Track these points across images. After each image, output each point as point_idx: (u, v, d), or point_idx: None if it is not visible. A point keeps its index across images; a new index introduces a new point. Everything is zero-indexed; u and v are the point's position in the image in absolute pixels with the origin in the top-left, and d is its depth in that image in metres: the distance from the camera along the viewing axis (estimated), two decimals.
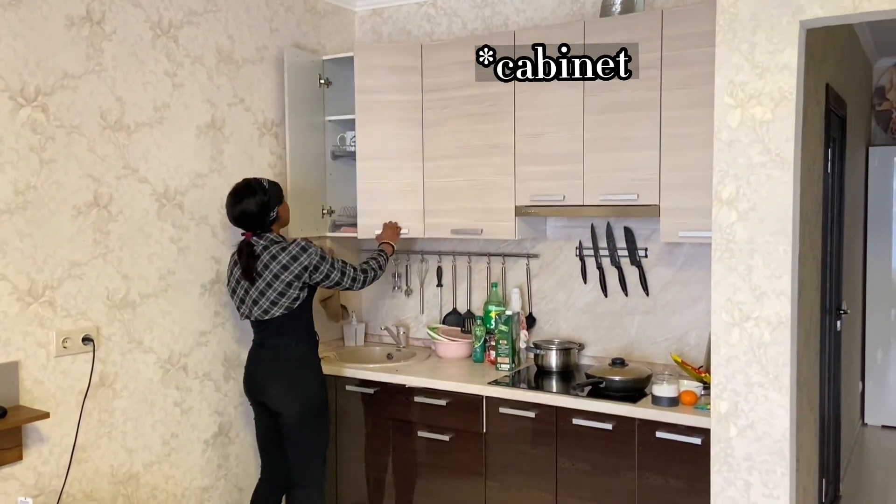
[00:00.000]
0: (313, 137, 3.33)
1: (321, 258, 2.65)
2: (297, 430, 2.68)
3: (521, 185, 2.91)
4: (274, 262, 2.61)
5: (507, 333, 2.98)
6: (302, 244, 2.64)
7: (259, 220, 2.65)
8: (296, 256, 2.61)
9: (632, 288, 3.01)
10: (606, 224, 3.04)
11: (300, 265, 2.61)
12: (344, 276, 2.72)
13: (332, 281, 2.70)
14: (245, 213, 2.64)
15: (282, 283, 2.61)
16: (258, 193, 2.64)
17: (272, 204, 2.66)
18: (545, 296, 3.22)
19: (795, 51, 2.02)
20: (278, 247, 2.63)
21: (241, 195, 2.65)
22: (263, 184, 2.68)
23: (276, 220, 2.70)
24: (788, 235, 2.04)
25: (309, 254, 2.62)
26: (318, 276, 2.66)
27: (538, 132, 2.86)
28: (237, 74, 3.01)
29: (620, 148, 2.69)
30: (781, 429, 2.08)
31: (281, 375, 2.68)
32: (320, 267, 2.65)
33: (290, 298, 2.63)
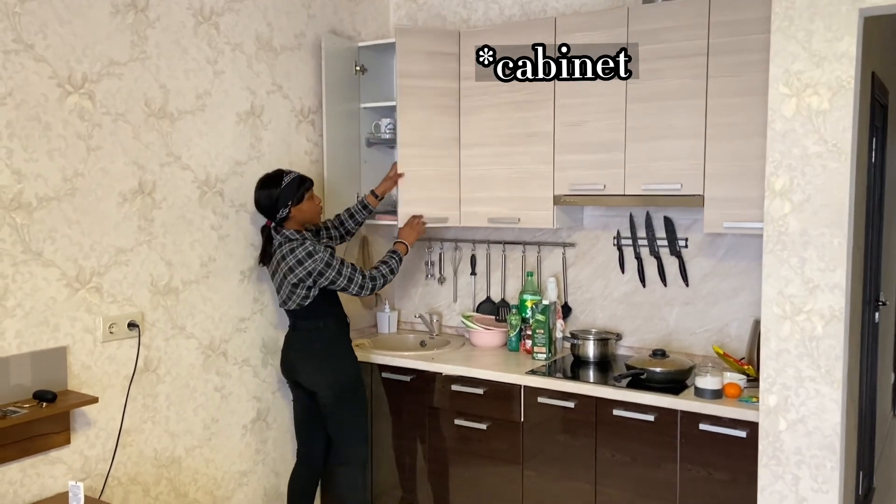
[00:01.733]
0: (349, 125, 3.32)
1: (326, 265, 2.63)
2: (333, 408, 2.74)
3: (560, 173, 2.89)
4: (283, 262, 2.65)
5: (544, 323, 2.97)
6: (309, 249, 2.62)
7: (269, 213, 2.70)
8: (301, 261, 2.61)
9: (671, 278, 2.98)
10: (645, 213, 3.01)
11: (304, 270, 2.62)
12: (351, 283, 2.69)
13: (338, 287, 2.69)
14: (257, 202, 2.73)
15: (289, 284, 2.66)
16: (270, 188, 2.68)
17: (282, 202, 2.65)
18: (581, 285, 3.20)
19: (854, 39, 1.98)
20: (288, 247, 2.64)
21: (259, 184, 2.73)
22: (281, 179, 2.68)
23: (286, 218, 2.69)
24: (844, 228, 2.01)
25: (314, 260, 2.61)
26: (324, 280, 2.65)
27: (579, 121, 2.83)
28: (275, 62, 3.00)
29: (664, 137, 2.65)
30: (832, 423, 2.06)
31: (312, 356, 2.75)
32: (325, 273, 2.64)
33: (300, 297, 2.68)
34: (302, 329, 2.78)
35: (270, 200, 2.67)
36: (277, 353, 3.03)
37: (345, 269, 2.68)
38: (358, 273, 2.72)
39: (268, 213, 2.70)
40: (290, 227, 2.70)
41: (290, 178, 2.69)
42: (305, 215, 2.73)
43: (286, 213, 2.68)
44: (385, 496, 3.17)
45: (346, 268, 2.69)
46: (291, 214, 2.69)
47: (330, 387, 2.73)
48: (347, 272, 2.68)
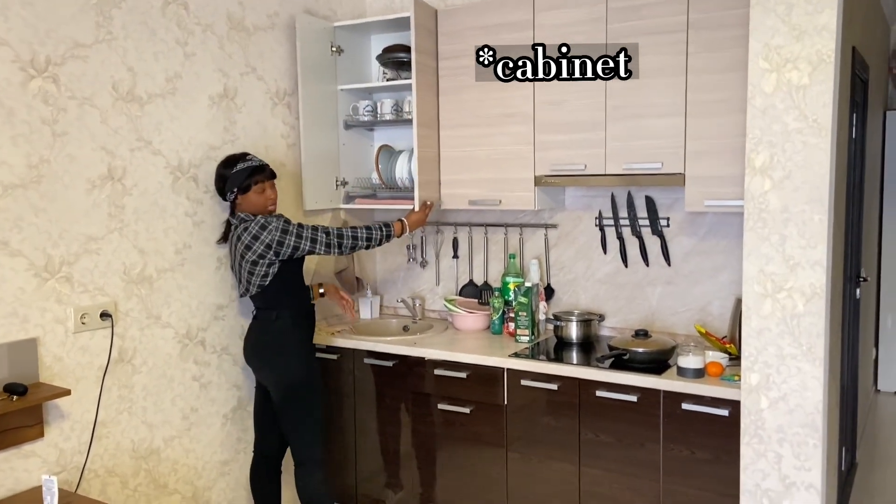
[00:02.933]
0: (326, 107, 3.26)
1: (283, 232, 2.56)
2: (283, 406, 2.66)
3: (541, 154, 2.85)
4: (238, 241, 2.61)
5: (527, 305, 2.95)
6: (261, 222, 2.57)
7: (220, 193, 2.71)
8: (256, 235, 2.56)
9: (653, 258, 2.97)
10: (627, 193, 2.98)
11: (261, 244, 2.56)
12: (315, 243, 2.61)
13: (304, 251, 2.62)
14: (215, 182, 2.72)
15: (248, 263, 2.60)
16: (224, 168, 2.67)
17: (228, 187, 2.64)
18: (564, 266, 3.18)
19: (834, 12, 1.95)
20: (242, 227, 2.61)
21: (220, 162, 2.71)
22: (236, 163, 2.65)
23: (234, 203, 2.66)
24: (824, 204, 1.99)
25: (269, 230, 2.56)
26: (287, 248, 2.58)
27: (558, 100, 2.79)
28: (248, 42, 2.92)
29: (644, 115, 2.62)
30: (814, 401, 2.05)
31: (263, 349, 2.69)
32: (285, 240, 2.57)
33: (259, 276, 2.61)
34: (259, 318, 2.72)
35: (221, 181, 2.67)
36: None
37: (307, 230, 2.60)
38: (321, 232, 2.63)
39: (220, 194, 2.71)
40: (245, 209, 2.67)
41: (244, 164, 2.65)
42: (250, 206, 2.66)
43: (233, 198, 2.66)
44: (370, 482, 3.15)
45: (306, 229, 2.61)
46: (238, 201, 2.66)
47: (277, 385, 2.66)
48: (308, 233, 2.60)
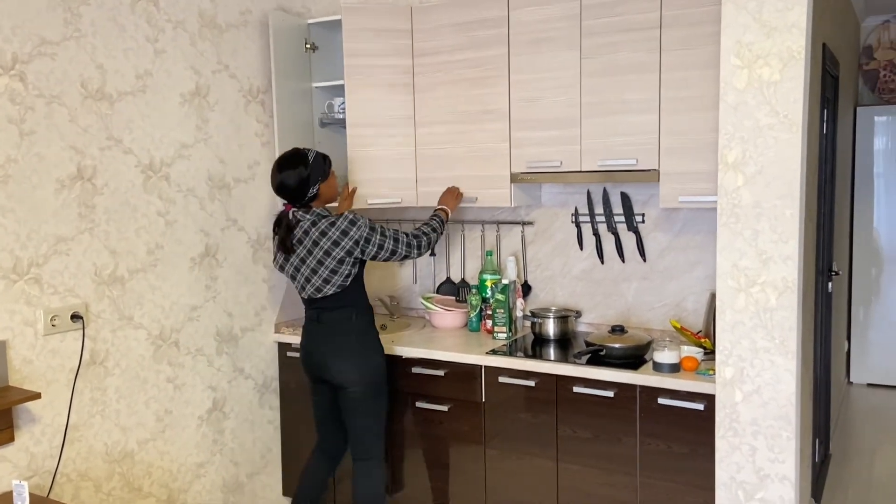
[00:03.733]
0: (300, 104, 3.23)
1: (371, 229, 2.53)
2: (359, 404, 2.59)
3: (517, 151, 2.85)
4: (324, 238, 2.49)
5: (504, 302, 2.95)
6: (350, 217, 2.51)
7: (297, 194, 2.53)
8: (346, 231, 2.49)
9: (629, 254, 2.98)
10: (603, 190, 2.99)
11: (351, 240, 2.49)
12: (398, 242, 2.59)
13: (387, 251, 2.57)
14: (283, 185, 2.53)
15: (334, 261, 2.50)
16: (299, 167, 2.51)
17: (312, 180, 2.52)
18: (541, 263, 3.19)
19: (804, 9, 1.97)
20: (326, 222, 2.50)
21: (283, 166, 2.53)
22: (308, 157, 2.54)
23: (315, 196, 2.56)
24: (796, 199, 2.01)
25: (358, 226, 2.50)
26: (372, 248, 2.54)
27: (534, 96, 2.79)
28: (221, 40, 2.89)
29: (618, 112, 2.63)
30: (787, 394, 2.07)
31: (343, 350, 2.58)
32: (372, 238, 2.53)
33: (343, 276, 2.53)
34: (328, 321, 2.58)
35: (300, 179, 2.51)
36: (231, 342, 2.97)
37: (389, 230, 2.59)
38: (402, 233, 2.63)
39: (295, 195, 2.53)
40: (316, 206, 2.58)
41: (313, 153, 2.56)
42: (332, 191, 2.64)
43: (316, 192, 2.55)
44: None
45: (389, 230, 2.60)
46: (320, 192, 2.57)
47: (362, 382, 2.57)
48: (392, 233, 2.59)
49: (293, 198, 2.54)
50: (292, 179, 2.51)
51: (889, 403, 4.70)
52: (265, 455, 3.16)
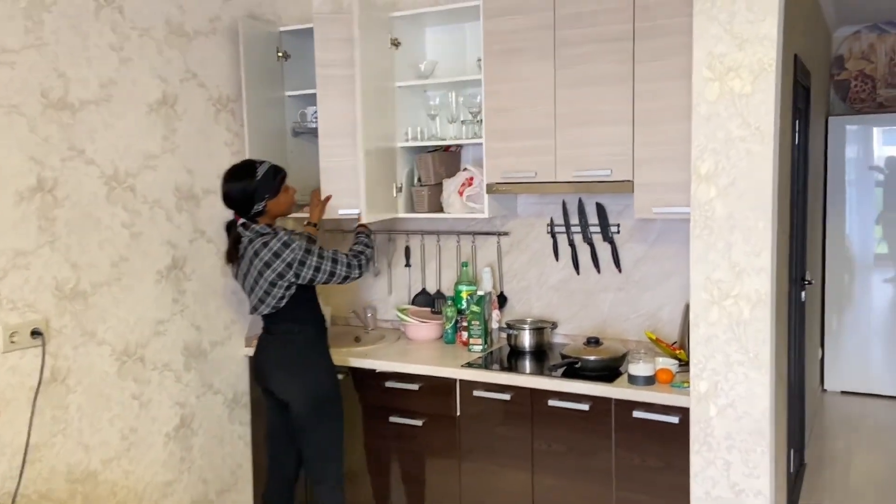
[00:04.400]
0: (272, 114, 3.18)
1: (307, 251, 2.46)
2: (306, 422, 2.53)
3: (492, 161, 2.82)
4: (257, 258, 2.46)
5: (479, 314, 2.91)
6: (284, 238, 2.45)
7: (241, 207, 2.50)
8: (278, 253, 2.43)
9: (604, 265, 2.97)
10: (578, 200, 2.98)
11: (283, 262, 2.43)
12: (337, 263, 2.53)
13: (325, 273, 2.50)
14: (227, 197, 2.52)
15: (265, 282, 2.47)
16: (245, 179, 2.47)
17: (259, 195, 2.47)
18: (516, 274, 3.16)
19: (776, 20, 1.97)
20: (261, 241, 2.45)
21: (228, 177, 2.52)
22: (256, 170, 2.49)
23: (261, 213, 2.51)
24: (768, 211, 2.00)
25: (292, 249, 2.44)
26: (307, 271, 2.47)
27: (508, 106, 2.76)
28: (189, 48, 2.83)
29: (593, 122, 2.62)
30: (761, 408, 2.06)
31: (286, 362, 2.55)
32: (307, 261, 2.46)
33: (276, 298, 2.49)
34: (276, 333, 2.57)
35: (245, 194, 2.47)
36: (200, 356, 2.90)
37: (327, 252, 2.54)
38: (340, 254, 2.57)
39: (241, 208, 2.50)
40: (263, 221, 2.53)
41: (264, 167, 2.51)
42: (281, 208, 2.57)
43: (262, 207, 2.50)
44: None
45: (326, 251, 2.54)
46: (267, 208, 2.51)
47: (304, 399, 2.51)
48: (330, 254, 2.53)
49: (238, 210, 2.52)
50: (236, 192, 2.49)
51: (863, 411, 4.73)
52: (235, 472, 3.09)
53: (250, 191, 2.47)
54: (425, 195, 3.05)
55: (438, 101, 3.09)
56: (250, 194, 2.47)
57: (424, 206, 3.06)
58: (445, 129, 3.12)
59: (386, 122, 2.99)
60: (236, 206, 2.51)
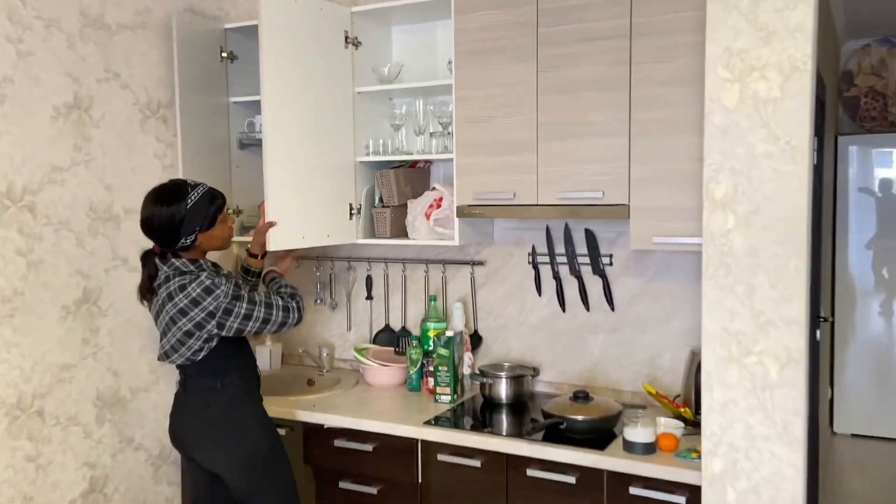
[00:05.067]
0: (214, 122, 2.76)
1: (234, 298, 2.00)
2: (248, 491, 2.08)
3: (463, 179, 2.41)
4: (170, 302, 1.99)
5: (448, 358, 2.48)
6: (206, 283, 1.97)
7: (164, 238, 2.02)
8: (197, 300, 1.96)
9: (594, 301, 2.55)
10: (564, 226, 2.56)
11: (203, 311, 1.97)
12: (273, 308, 2.08)
13: (258, 321, 2.05)
14: (146, 222, 2.02)
15: (179, 331, 2.00)
16: (172, 204, 1.99)
17: (187, 226, 1.99)
18: (493, 310, 2.73)
19: (811, 9, 1.57)
20: (178, 282, 1.98)
21: (152, 199, 2.02)
22: (186, 195, 2.00)
23: (190, 247, 2.03)
24: (802, 247, 1.59)
25: (216, 296, 1.97)
26: (234, 321, 2.01)
27: (483, 116, 2.36)
28: (110, 43, 2.42)
29: (581, 135, 2.21)
30: (792, 494, 1.64)
31: (207, 426, 2.09)
32: (234, 309, 2.00)
33: (191, 350, 2.02)
34: (193, 389, 2.10)
35: (170, 223, 1.98)
36: (117, 406, 2.46)
37: (259, 296, 2.08)
38: (274, 296, 2.13)
39: (163, 239, 2.01)
40: (188, 256, 2.05)
41: (198, 192, 2.03)
42: (214, 243, 2.10)
43: (191, 242, 2.02)
44: None
45: (258, 294, 2.10)
46: (198, 243, 2.04)
47: (237, 467, 2.07)
48: (262, 297, 2.08)
49: (160, 241, 2.04)
50: (160, 220, 1.99)
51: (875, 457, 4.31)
52: None
53: (177, 220, 1.98)
54: (387, 218, 2.63)
55: (405, 109, 2.68)
56: (177, 225, 1.99)
57: (386, 231, 2.64)
58: (412, 142, 2.71)
59: (340, 133, 2.57)
60: (158, 236, 2.02)
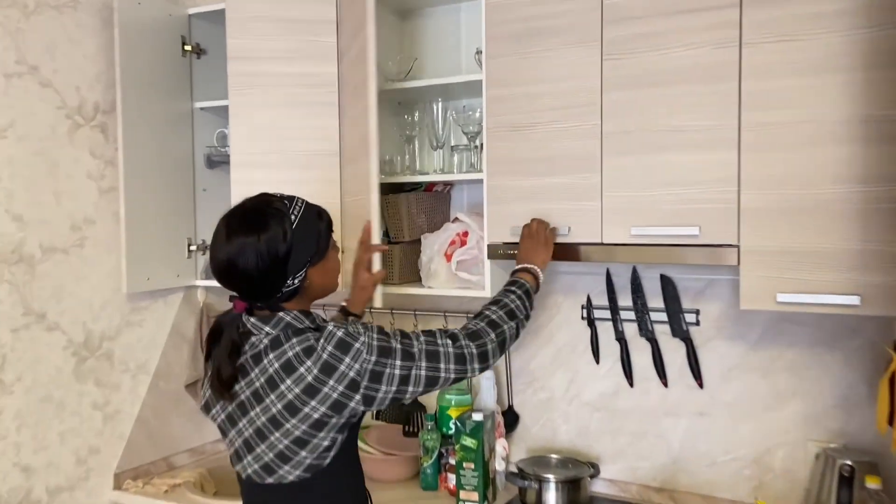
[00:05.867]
0: (173, 133, 2.15)
1: (381, 352, 1.28)
2: None
3: (496, 208, 1.77)
4: (288, 379, 1.26)
5: (476, 452, 1.82)
6: (339, 335, 1.27)
7: (262, 287, 1.30)
8: (330, 365, 1.25)
9: (674, 373, 1.88)
10: (632, 270, 1.90)
11: (341, 381, 1.25)
12: (440, 359, 1.33)
13: (420, 382, 1.31)
14: (231, 267, 1.28)
15: (304, 421, 1.26)
16: (270, 228, 1.27)
17: (296, 260, 1.29)
18: (534, 380, 2.07)
19: None
20: (301, 346, 1.27)
21: (234, 227, 1.29)
22: (288, 212, 1.30)
23: (296, 292, 1.33)
24: None
25: (355, 353, 1.26)
26: (386, 388, 1.28)
27: (524, 122, 1.71)
28: (25, 27, 1.81)
29: (666, 147, 1.56)
30: None
31: None
32: (385, 371, 1.27)
33: (317, 451, 1.28)
34: None
35: (276, 258, 1.27)
36: None
37: (415, 344, 1.32)
38: (446, 339, 1.36)
39: (261, 287, 1.29)
40: (295, 307, 1.33)
41: (298, 208, 1.33)
42: (329, 280, 1.40)
43: (298, 283, 1.31)
44: None
45: (418, 341, 1.33)
46: (309, 282, 1.34)
47: None
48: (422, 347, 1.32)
49: (251, 293, 1.31)
50: (257, 257, 1.26)
51: None
52: None
53: (283, 253, 1.28)
54: (396, 258, 1.99)
55: (418, 115, 2.04)
56: (282, 260, 1.28)
57: (394, 275, 1.99)
58: (427, 159, 2.08)
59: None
60: (251, 285, 1.29)
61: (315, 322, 1.33)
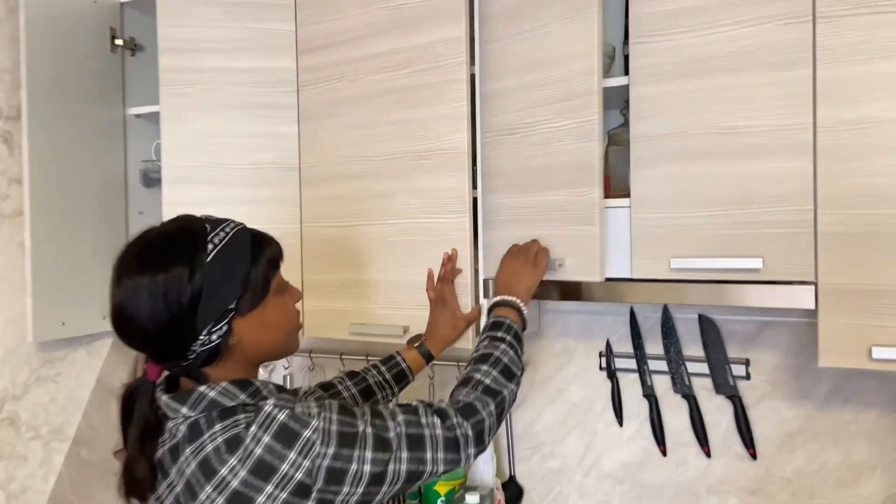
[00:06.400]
0: (99, 145, 1.76)
1: (344, 438, 0.91)
2: None
3: (493, 234, 1.40)
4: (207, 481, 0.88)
5: None
6: (282, 419, 0.89)
7: (164, 347, 0.94)
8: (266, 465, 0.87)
9: (718, 439, 1.50)
10: (663, 310, 1.53)
11: (284, 485, 0.87)
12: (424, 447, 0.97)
13: (400, 479, 0.95)
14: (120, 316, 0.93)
15: None
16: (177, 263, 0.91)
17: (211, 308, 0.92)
18: (541, 444, 1.68)
19: None
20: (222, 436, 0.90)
21: (130, 261, 0.94)
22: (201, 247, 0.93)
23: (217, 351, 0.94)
24: None
25: (304, 443, 0.89)
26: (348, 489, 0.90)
27: (521, 121, 1.35)
28: None
29: (714, 153, 1.20)
30: None
31: None
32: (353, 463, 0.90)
33: None
34: None
35: (178, 306, 0.90)
36: None
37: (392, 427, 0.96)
38: (432, 416, 1.00)
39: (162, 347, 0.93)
40: (219, 375, 0.96)
41: (224, 234, 0.96)
42: (268, 339, 1.00)
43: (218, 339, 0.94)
44: None
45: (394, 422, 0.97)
46: (238, 338, 0.96)
47: None
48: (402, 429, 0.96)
49: (154, 353, 0.96)
50: (144, 306, 0.90)
51: None
52: None
53: (188, 297, 0.91)
54: None
55: None
56: (187, 308, 0.91)
57: None
58: None
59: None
60: (149, 341, 0.94)
61: (256, 396, 0.95)
